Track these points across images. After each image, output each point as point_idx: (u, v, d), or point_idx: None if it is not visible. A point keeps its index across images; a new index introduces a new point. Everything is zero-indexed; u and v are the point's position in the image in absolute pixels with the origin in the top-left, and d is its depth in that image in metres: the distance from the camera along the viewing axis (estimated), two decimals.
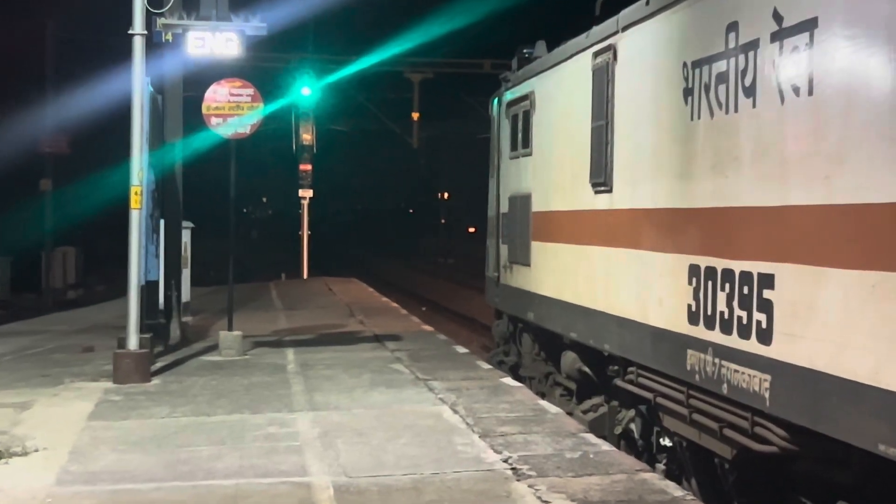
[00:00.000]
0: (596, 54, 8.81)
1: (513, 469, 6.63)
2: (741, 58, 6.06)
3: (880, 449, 4.63)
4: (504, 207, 12.40)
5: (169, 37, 11.31)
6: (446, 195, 78.99)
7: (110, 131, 18.60)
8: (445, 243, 63.72)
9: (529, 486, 6.21)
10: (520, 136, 11.57)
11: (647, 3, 7.72)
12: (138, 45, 10.49)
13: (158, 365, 11.33)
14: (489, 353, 14.04)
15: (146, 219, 11.50)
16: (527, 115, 11.28)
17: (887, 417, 4.58)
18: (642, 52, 7.86)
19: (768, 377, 5.63)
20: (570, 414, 9.10)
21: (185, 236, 15.64)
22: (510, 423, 8.05)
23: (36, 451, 7.28)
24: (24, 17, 28.45)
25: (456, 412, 8.54)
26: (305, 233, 37.44)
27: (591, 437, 7.64)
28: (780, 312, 5.56)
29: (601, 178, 8.57)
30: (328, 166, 52.57)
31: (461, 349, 13.00)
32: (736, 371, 6.03)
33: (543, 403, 9.03)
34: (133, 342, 10.35)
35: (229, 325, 12.36)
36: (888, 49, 4.70)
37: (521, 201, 11.38)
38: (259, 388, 9.91)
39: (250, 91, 12.10)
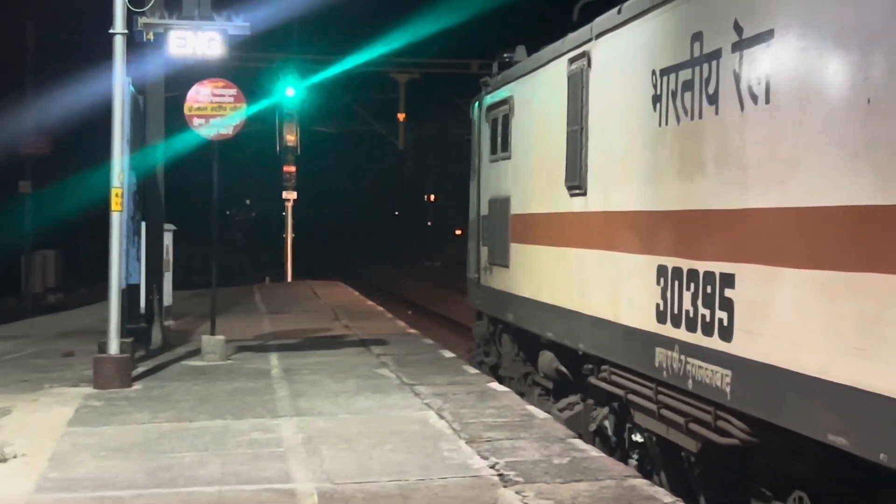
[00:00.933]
0: (571, 60, 9.07)
1: (500, 475, 6.56)
2: (705, 66, 6.35)
3: (829, 438, 4.89)
4: (484, 210, 12.66)
5: (150, 36, 11.19)
6: (433, 197, 78.93)
7: (91, 132, 18.42)
8: (432, 246, 63.66)
9: (517, 493, 6.15)
10: (499, 139, 11.85)
11: (619, 12, 7.98)
12: (119, 44, 10.36)
13: (140, 370, 11.20)
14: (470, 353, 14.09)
15: (127, 221, 11.36)
16: (506, 120, 11.55)
17: (835, 409, 4.87)
18: (614, 59, 8.13)
19: (729, 372, 5.93)
20: (547, 412, 9.23)
21: (167, 239, 15.53)
22: (497, 429, 7.98)
23: (15, 457, 7.17)
24: (3, 15, 28.18)
25: (442, 417, 8.46)
26: (290, 235, 37.28)
27: (579, 443, 7.57)
28: (740, 310, 5.85)
29: (576, 181, 8.82)
30: (313, 168, 52.41)
31: (448, 353, 12.93)
32: (700, 367, 6.30)
33: (531, 409, 8.97)
34: (114, 347, 10.23)
35: (212, 330, 12.25)
36: (839, 60, 4.98)
37: (501, 204, 11.61)
38: (242, 393, 9.80)
39: (233, 91, 11.98)
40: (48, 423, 8.38)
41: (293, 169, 35.77)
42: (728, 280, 5.95)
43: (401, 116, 35.25)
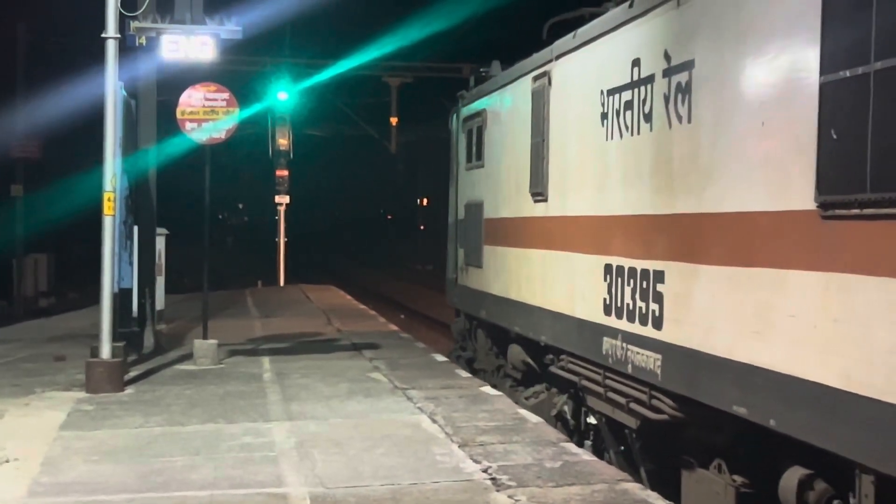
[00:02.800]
0: (535, 78, 9.92)
1: (492, 479, 6.59)
2: (642, 89, 7.21)
3: (734, 409, 5.71)
4: (461, 214, 13.51)
5: (143, 40, 11.19)
6: (426, 201, 78.84)
7: (83, 136, 18.39)
8: (424, 249, 63.62)
9: (509, 497, 6.17)
10: (474, 149, 12.74)
11: (574, 37, 8.85)
12: (111, 48, 10.36)
13: (132, 374, 11.19)
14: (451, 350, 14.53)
15: (119, 225, 11.35)
16: (480, 131, 12.41)
17: (738, 383, 5.71)
18: (571, 79, 8.99)
19: (660, 356, 6.79)
20: (516, 402, 9.82)
21: (160, 243, 15.52)
22: (489, 433, 8.01)
23: (7, 461, 7.17)
24: None
25: (434, 421, 8.48)
26: (282, 239, 37.24)
27: (571, 447, 7.60)
28: (668, 303, 6.74)
29: (539, 188, 9.66)
30: (305, 172, 52.40)
31: (440, 357, 12.96)
32: (638, 353, 7.17)
33: (523, 412, 9.02)
34: (106, 351, 10.22)
35: (204, 334, 12.24)
36: (742, 87, 5.81)
37: (475, 209, 12.44)
38: (234, 397, 9.80)
39: (225, 95, 11.99)
40: (40, 428, 8.36)
41: (286, 173, 35.74)
42: (660, 276, 6.85)
43: (393, 120, 35.24)
